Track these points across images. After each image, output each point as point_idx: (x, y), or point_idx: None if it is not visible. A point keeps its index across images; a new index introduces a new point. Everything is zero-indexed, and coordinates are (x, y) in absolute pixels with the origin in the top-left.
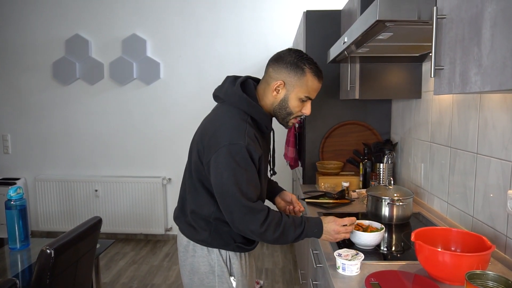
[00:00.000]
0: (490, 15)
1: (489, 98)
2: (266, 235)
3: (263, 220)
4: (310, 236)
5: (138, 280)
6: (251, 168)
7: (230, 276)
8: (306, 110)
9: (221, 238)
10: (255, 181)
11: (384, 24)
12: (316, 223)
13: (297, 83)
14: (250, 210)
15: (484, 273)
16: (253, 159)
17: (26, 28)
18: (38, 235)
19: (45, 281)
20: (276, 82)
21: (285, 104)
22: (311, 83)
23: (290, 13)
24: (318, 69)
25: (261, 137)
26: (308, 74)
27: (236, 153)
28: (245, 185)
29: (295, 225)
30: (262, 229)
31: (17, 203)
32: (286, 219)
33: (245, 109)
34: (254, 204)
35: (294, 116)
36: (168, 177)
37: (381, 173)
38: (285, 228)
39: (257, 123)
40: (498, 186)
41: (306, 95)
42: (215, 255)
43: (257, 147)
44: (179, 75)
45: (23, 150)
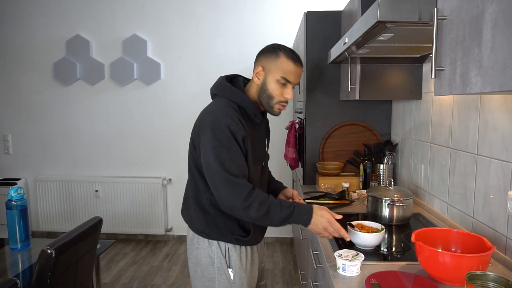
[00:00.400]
0: (490, 16)
1: (489, 99)
2: (250, 212)
3: (247, 195)
4: (298, 222)
5: (138, 280)
6: (234, 146)
7: (228, 268)
8: (288, 94)
9: (218, 229)
10: (239, 160)
11: (384, 25)
12: (307, 211)
13: (272, 66)
14: (233, 184)
15: (484, 274)
16: (236, 138)
17: (27, 28)
18: (39, 235)
19: (45, 281)
20: (257, 68)
21: (265, 87)
22: (285, 65)
23: (291, 13)
24: (293, 53)
25: (251, 126)
26: (283, 57)
27: (219, 133)
28: (228, 162)
29: (282, 207)
30: (245, 204)
31: (18, 203)
32: (273, 199)
33: (230, 97)
34: (237, 179)
35: (276, 101)
36: (169, 178)
37: (381, 174)
38: (271, 208)
39: (246, 112)
40: (498, 187)
41: (282, 75)
42: (215, 247)
43: (239, 128)
44: (180, 75)
45: (23, 151)
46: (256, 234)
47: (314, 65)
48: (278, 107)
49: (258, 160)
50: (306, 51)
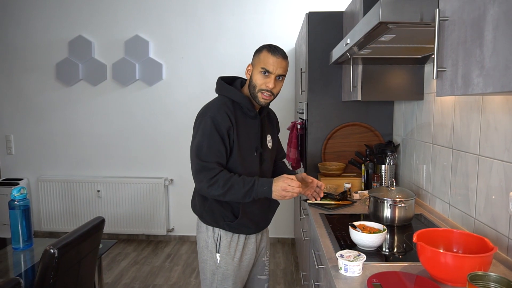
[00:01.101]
0: (492, 17)
1: (491, 100)
2: (215, 188)
3: (212, 176)
4: (261, 193)
5: (140, 280)
6: (214, 136)
7: (217, 253)
8: (269, 84)
9: (213, 214)
10: (217, 148)
11: (386, 26)
12: (267, 181)
13: (256, 61)
14: (202, 168)
15: (486, 274)
16: (219, 128)
17: (29, 29)
18: (41, 235)
19: (48, 281)
20: (247, 66)
21: (252, 80)
22: (265, 57)
23: (292, 14)
24: (274, 47)
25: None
26: (264, 51)
27: (204, 124)
28: (205, 149)
29: (244, 182)
30: (209, 183)
31: (21, 203)
32: (236, 177)
33: (225, 93)
34: (207, 164)
35: (258, 89)
36: (170, 178)
37: (383, 175)
38: (234, 184)
39: (240, 106)
40: (500, 188)
41: (262, 66)
42: (210, 232)
43: (224, 119)
44: (182, 76)
45: (26, 151)
46: (244, 220)
47: (316, 66)
48: (261, 96)
49: (251, 148)
50: (308, 52)
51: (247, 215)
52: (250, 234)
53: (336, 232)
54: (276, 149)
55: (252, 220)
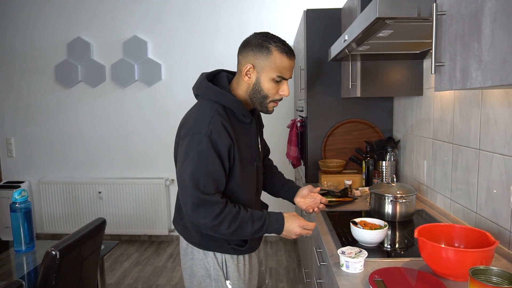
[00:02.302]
0: (490, 10)
1: (490, 93)
2: (220, 229)
3: (218, 214)
4: (270, 231)
5: (143, 281)
6: (212, 160)
7: (226, 280)
8: (284, 91)
9: (214, 240)
10: (216, 173)
11: (384, 22)
12: (278, 220)
13: (265, 64)
14: (204, 203)
15: (488, 268)
16: (218, 149)
17: (28, 32)
18: (43, 237)
19: (50, 283)
20: (246, 66)
21: (259, 87)
22: (279, 61)
23: (290, 12)
24: (285, 46)
25: (240, 127)
26: (275, 52)
27: (198, 143)
28: (203, 177)
29: (254, 219)
30: (215, 222)
31: (22, 206)
32: (243, 213)
33: (214, 98)
34: (208, 197)
35: (271, 100)
36: (171, 178)
37: (383, 171)
38: (242, 222)
39: (233, 112)
40: (501, 181)
41: (278, 74)
42: (211, 258)
43: (222, 136)
44: (181, 76)
45: (27, 153)
46: (253, 242)
47: (314, 63)
48: (272, 105)
49: (251, 162)
50: (307, 49)
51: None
52: (254, 251)
53: (338, 229)
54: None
55: (260, 238)
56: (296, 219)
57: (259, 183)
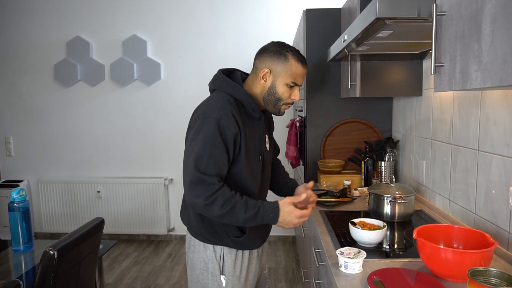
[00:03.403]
0: (490, 11)
1: (490, 94)
2: (213, 208)
3: (211, 193)
4: (265, 221)
5: (141, 280)
6: (218, 144)
7: (221, 275)
8: (295, 96)
9: (214, 230)
10: (219, 158)
11: (383, 22)
12: (273, 209)
13: (282, 70)
14: (200, 181)
15: (486, 269)
16: (225, 134)
17: (27, 30)
18: (42, 236)
19: (48, 282)
20: (263, 70)
21: (273, 91)
22: (295, 69)
23: (290, 12)
24: (300, 55)
25: (249, 121)
26: (292, 60)
27: (207, 126)
28: (206, 159)
29: (247, 206)
30: (207, 201)
31: (20, 205)
32: (238, 198)
33: (227, 90)
34: (206, 177)
35: (284, 103)
36: (170, 178)
37: (382, 171)
38: (235, 206)
39: (243, 105)
40: (500, 182)
41: (292, 80)
42: (210, 252)
43: (231, 123)
44: (180, 75)
45: (25, 153)
46: (252, 235)
47: (314, 63)
48: (284, 108)
49: (256, 155)
50: (306, 49)
51: (255, 228)
52: (255, 248)
53: (336, 229)
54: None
55: (259, 234)
56: (291, 210)
57: (266, 179)
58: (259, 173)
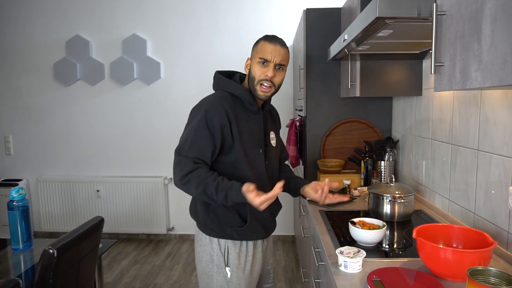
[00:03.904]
0: (490, 10)
1: (490, 94)
2: (189, 188)
3: (186, 173)
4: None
5: (141, 279)
6: (201, 130)
7: (226, 267)
8: (268, 72)
9: (218, 221)
10: (201, 143)
11: (384, 21)
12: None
13: (254, 53)
14: (178, 162)
15: (486, 269)
16: (211, 123)
17: (26, 29)
18: (41, 235)
19: (48, 281)
20: (246, 62)
21: (251, 74)
22: (261, 46)
23: (290, 11)
24: (270, 36)
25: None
26: (261, 42)
27: (195, 117)
28: (189, 142)
29: (218, 189)
30: (183, 181)
31: (20, 204)
32: (210, 180)
33: (224, 88)
34: (184, 159)
35: (258, 81)
36: (170, 177)
37: (382, 171)
38: (207, 188)
39: (241, 100)
40: (499, 182)
41: (260, 56)
42: (215, 245)
43: (219, 114)
44: (180, 74)
45: (25, 151)
46: (253, 224)
47: (314, 62)
48: (260, 88)
49: (255, 146)
50: (306, 48)
51: (256, 217)
52: (259, 239)
53: (336, 229)
54: (280, 148)
55: (261, 223)
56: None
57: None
58: (261, 166)
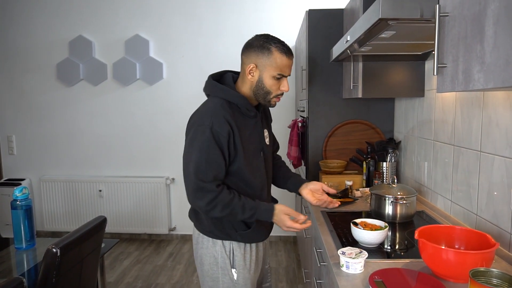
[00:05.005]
0: (493, 12)
1: (492, 95)
2: (213, 213)
3: (211, 200)
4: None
5: (143, 279)
6: (213, 150)
7: (232, 268)
8: (284, 87)
9: (223, 227)
10: (216, 163)
11: (386, 23)
12: (267, 211)
13: (266, 63)
14: (200, 189)
15: (488, 270)
16: (218, 139)
17: (30, 30)
18: (44, 235)
19: (51, 280)
20: (249, 66)
21: (261, 84)
22: (279, 60)
23: (292, 12)
24: (284, 47)
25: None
26: (275, 52)
27: (200, 134)
28: (204, 165)
29: (244, 209)
30: (208, 207)
31: (23, 203)
32: (236, 202)
33: (219, 95)
34: (205, 184)
35: (274, 95)
36: (172, 177)
37: (384, 172)
38: (233, 210)
39: (237, 106)
40: (502, 184)
41: (279, 72)
42: (219, 247)
43: (223, 127)
44: (182, 75)
45: (28, 151)
46: (258, 228)
47: (316, 63)
48: (275, 100)
49: (257, 151)
50: (308, 49)
51: (261, 221)
52: (261, 241)
53: (338, 229)
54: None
55: (265, 226)
56: (286, 211)
57: (268, 173)
58: (262, 168)
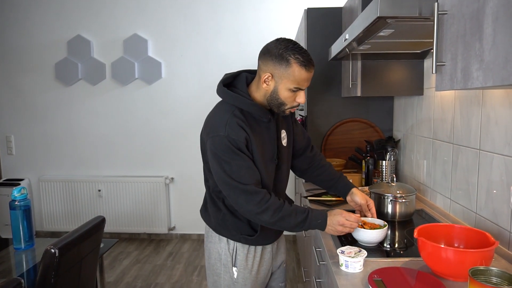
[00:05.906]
0: (491, 10)
1: (491, 94)
2: (264, 217)
3: (259, 201)
4: (313, 227)
5: (142, 279)
6: (235, 157)
7: (233, 267)
8: (300, 99)
9: (227, 228)
10: (245, 167)
11: (385, 21)
12: (321, 214)
13: (284, 75)
14: (243, 192)
15: (487, 269)
16: (238, 146)
17: (28, 29)
18: (43, 235)
19: (49, 280)
20: (265, 74)
21: (276, 95)
22: (298, 74)
23: (291, 11)
24: (305, 58)
25: (259, 126)
26: (294, 65)
27: (218, 145)
28: (235, 172)
29: (297, 212)
30: (259, 209)
31: (22, 204)
32: (287, 206)
33: (231, 102)
34: (246, 187)
35: (288, 107)
36: (171, 177)
37: (383, 170)
38: (285, 215)
39: (250, 113)
40: (501, 182)
41: (295, 86)
42: (224, 244)
43: (239, 134)
44: (181, 74)
45: (26, 151)
46: (264, 233)
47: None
48: (289, 111)
49: (270, 155)
50: (307, 48)
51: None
52: (268, 244)
53: None
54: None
55: (274, 232)
56: (339, 212)
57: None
58: (273, 171)
